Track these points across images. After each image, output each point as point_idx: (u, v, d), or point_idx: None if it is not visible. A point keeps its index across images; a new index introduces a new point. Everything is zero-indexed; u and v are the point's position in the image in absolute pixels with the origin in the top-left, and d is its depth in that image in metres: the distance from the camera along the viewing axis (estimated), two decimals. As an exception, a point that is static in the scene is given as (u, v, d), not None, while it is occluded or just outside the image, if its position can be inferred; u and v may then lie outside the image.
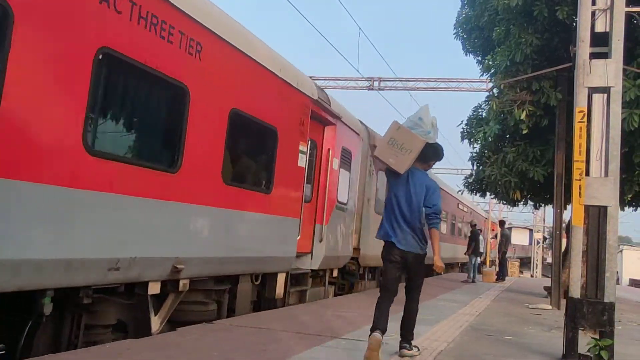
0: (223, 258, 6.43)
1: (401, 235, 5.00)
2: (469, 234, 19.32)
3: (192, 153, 5.58)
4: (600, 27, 5.89)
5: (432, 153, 5.26)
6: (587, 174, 5.64)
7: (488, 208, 40.21)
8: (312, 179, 8.95)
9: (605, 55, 5.72)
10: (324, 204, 9.17)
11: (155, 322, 5.63)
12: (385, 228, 5.09)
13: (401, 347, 5.10)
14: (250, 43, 6.76)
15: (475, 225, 19.82)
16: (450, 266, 25.71)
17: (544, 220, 42.23)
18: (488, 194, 15.52)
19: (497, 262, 21.41)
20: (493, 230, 35.55)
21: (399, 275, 5.10)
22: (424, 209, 5.04)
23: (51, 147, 4.10)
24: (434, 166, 5.80)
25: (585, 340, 5.38)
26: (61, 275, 4.22)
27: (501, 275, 19.64)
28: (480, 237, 19.20)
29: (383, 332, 4.75)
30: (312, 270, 9.19)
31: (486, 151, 13.71)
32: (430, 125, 5.11)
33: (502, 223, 21.62)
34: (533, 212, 39.74)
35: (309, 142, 8.50)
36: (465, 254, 19.12)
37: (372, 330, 4.75)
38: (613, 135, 5.54)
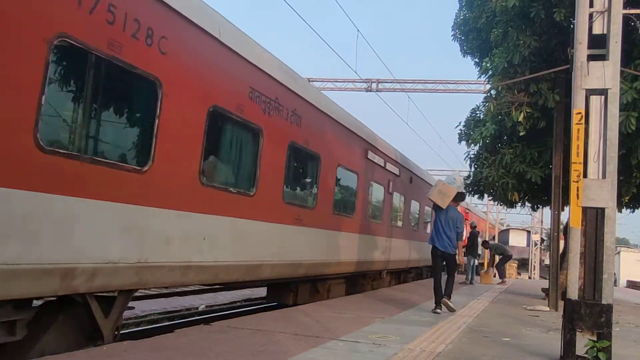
0: None
1: (441, 242, 9.10)
2: (467, 235, 19.29)
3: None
4: (597, 29, 5.89)
5: (459, 197, 9.48)
6: (585, 175, 5.64)
7: (486, 209, 40.23)
8: None
9: (602, 57, 5.72)
10: None
11: None
12: (434, 238, 9.19)
13: (443, 299, 9.04)
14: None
15: (475, 227, 19.77)
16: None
17: (541, 221, 42.26)
18: (486, 195, 15.52)
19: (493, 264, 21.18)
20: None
21: (442, 264, 9.19)
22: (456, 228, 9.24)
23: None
24: (432, 168, 8.80)
25: (583, 342, 5.39)
26: None
27: (501, 276, 19.65)
28: (479, 239, 19.15)
29: (443, 297, 8.99)
30: None
31: (483, 152, 13.71)
32: (459, 182, 9.91)
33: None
34: (531, 214, 39.87)
35: None
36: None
37: (436, 303, 8.98)
38: (611, 137, 5.55)
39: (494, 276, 19.85)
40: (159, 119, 5.52)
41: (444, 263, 9.21)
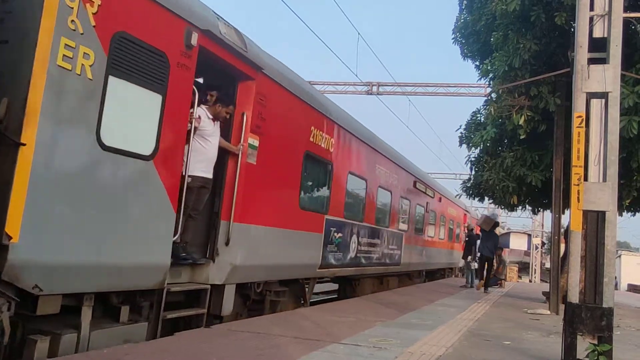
0: None
1: (484, 249, 16.16)
2: (466, 238, 19.23)
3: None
4: (598, 33, 5.90)
5: (495, 224, 16.92)
6: (586, 179, 5.64)
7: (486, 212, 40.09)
8: None
9: (603, 61, 5.73)
10: None
11: None
12: (481, 248, 16.47)
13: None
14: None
15: (473, 229, 19.69)
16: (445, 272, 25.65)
17: (542, 225, 42.20)
18: (486, 198, 15.54)
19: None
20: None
21: (485, 264, 16.22)
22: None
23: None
24: (435, 171, 12.31)
25: (583, 346, 5.37)
26: None
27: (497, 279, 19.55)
28: (478, 242, 19.11)
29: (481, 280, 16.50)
30: None
31: (484, 155, 13.72)
32: (496, 216, 22.66)
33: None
34: (532, 217, 39.77)
35: None
36: (462, 258, 19.05)
37: (485, 286, 16.13)
38: (611, 141, 5.54)
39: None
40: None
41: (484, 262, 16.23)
